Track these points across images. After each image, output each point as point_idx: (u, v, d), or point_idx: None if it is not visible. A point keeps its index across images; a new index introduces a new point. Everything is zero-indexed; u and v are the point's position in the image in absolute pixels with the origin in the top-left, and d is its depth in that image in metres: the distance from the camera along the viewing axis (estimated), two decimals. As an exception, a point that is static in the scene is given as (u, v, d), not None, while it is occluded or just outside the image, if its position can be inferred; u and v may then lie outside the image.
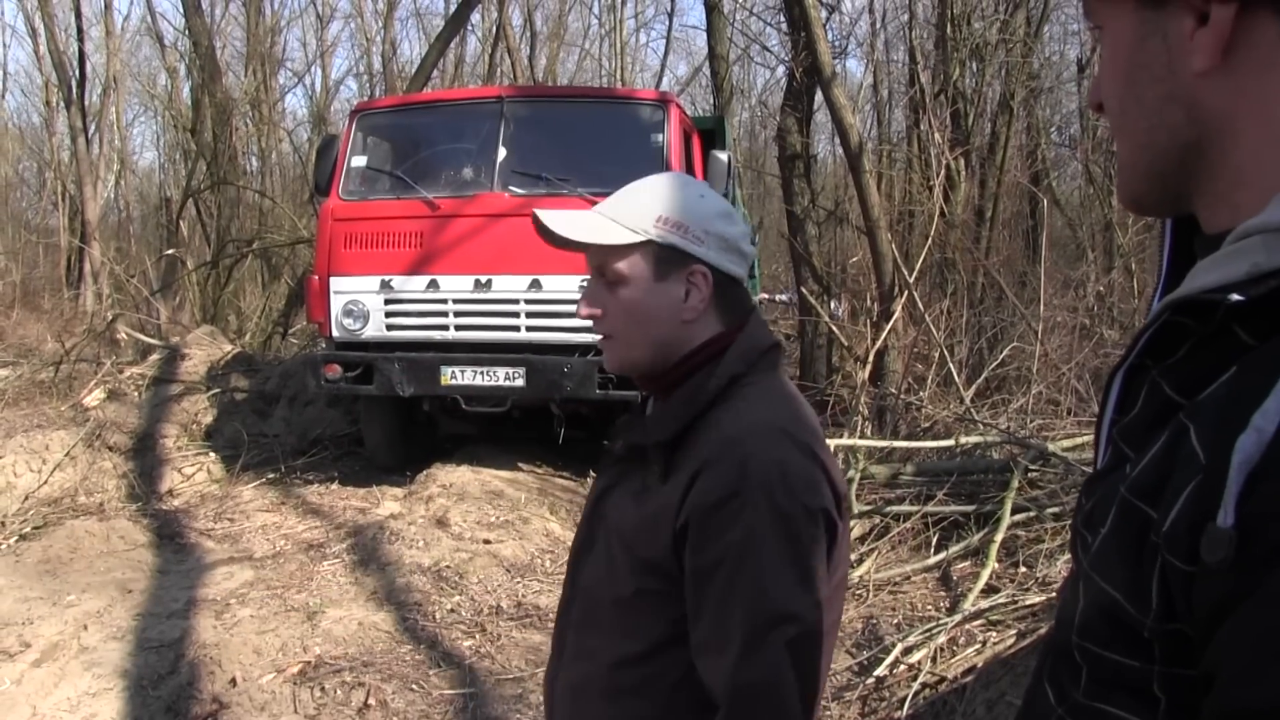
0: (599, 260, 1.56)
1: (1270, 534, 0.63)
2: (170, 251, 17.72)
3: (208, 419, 9.15)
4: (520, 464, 7.82)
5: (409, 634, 5.01)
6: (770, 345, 1.59)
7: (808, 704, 1.39)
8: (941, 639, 4.66)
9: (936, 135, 12.35)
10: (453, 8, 24.47)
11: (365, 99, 22.16)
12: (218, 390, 9.53)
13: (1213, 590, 0.67)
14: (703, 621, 1.43)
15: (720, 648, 1.40)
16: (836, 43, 14.49)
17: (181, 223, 18.61)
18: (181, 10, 17.52)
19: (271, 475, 8.08)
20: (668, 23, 38.19)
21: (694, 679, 1.46)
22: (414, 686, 4.48)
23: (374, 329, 7.34)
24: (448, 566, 5.76)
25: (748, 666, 1.37)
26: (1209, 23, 0.77)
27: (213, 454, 8.57)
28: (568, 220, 1.56)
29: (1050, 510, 5.86)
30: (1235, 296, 0.72)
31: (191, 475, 8.17)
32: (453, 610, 5.31)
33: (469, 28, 21.69)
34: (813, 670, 1.40)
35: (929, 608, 5.31)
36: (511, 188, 7.32)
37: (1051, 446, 6.55)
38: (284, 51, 24.63)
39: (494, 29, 22.22)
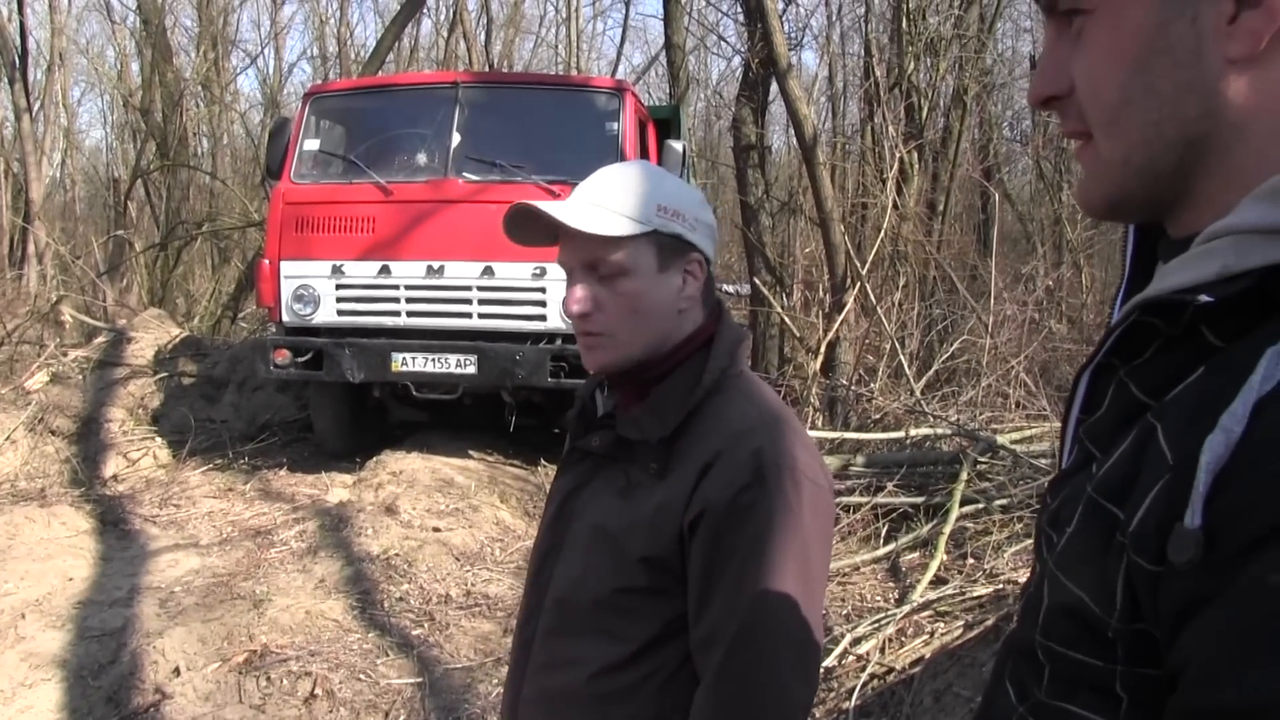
0: (593, 254, 1.49)
1: (1237, 535, 0.63)
2: (118, 233, 17.43)
3: (154, 403, 9.02)
4: (471, 452, 7.78)
5: (357, 622, 4.98)
6: (744, 336, 1.60)
7: (809, 696, 1.43)
8: (890, 630, 4.70)
9: (890, 128, 12.42)
10: (408, -9, 24.29)
11: (319, 82, 21.97)
12: (165, 374, 9.40)
13: (1179, 591, 0.67)
14: (711, 612, 1.41)
15: (727, 637, 1.39)
16: (793, 35, 14.53)
17: (130, 203, 18.31)
18: (131, -13, 17.21)
19: (219, 461, 7.99)
20: (624, 11, 38.17)
21: (681, 679, 1.45)
22: (361, 676, 4.45)
23: (325, 314, 7.27)
24: (397, 554, 5.73)
25: (755, 658, 1.38)
26: (1262, 6, 0.72)
27: (159, 439, 8.45)
28: (569, 212, 1.48)
29: (998, 502, 5.92)
30: (1204, 297, 0.72)
31: (137, 460, 8.05)
32: (401, 599, 5.28)
33: (424, 11, 21.50)
34: (815, 666, 1.44)
35: (878, 599, 5.35)
36: (465, 174, 7.27)
37: (1000, 439, 6.62)
38: (237, 32, 24.29)
39: (450, 13, 22.06)
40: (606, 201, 1.49)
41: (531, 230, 1.53)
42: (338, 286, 7.26)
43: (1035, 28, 20.16)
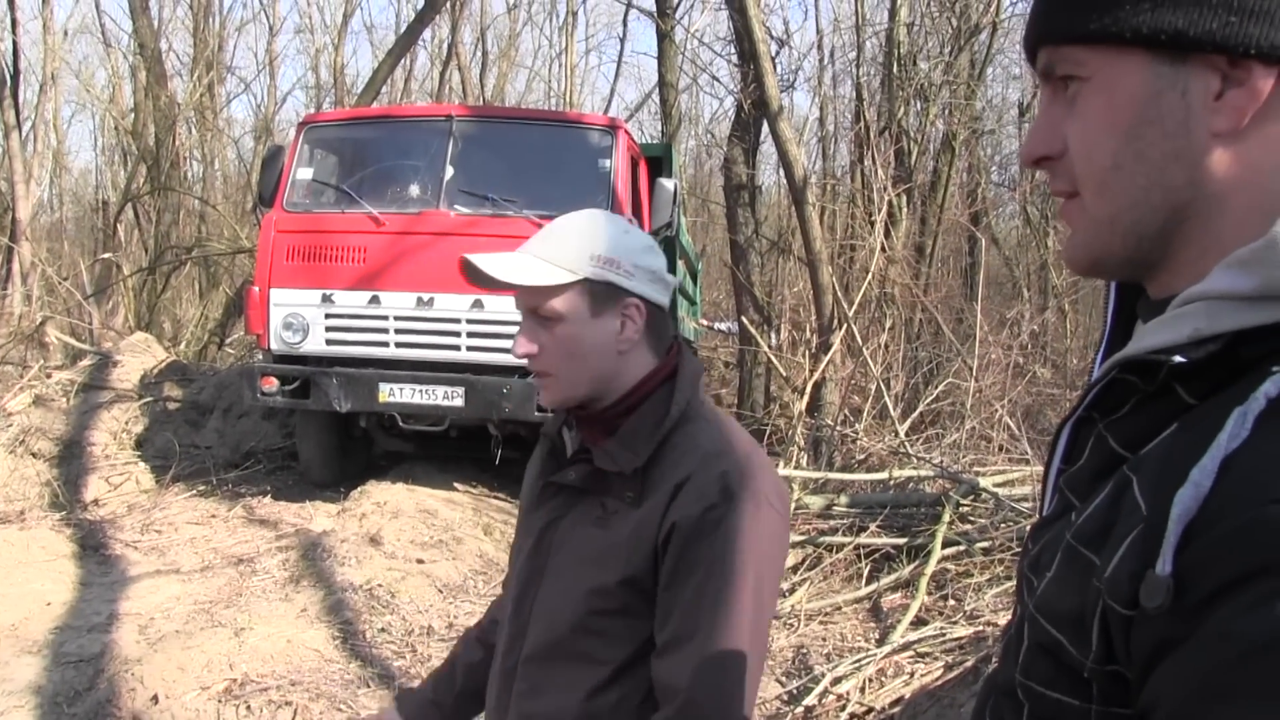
0: (533, 301, 1.59)
1: (1204, 583, 0.67)
2: (106, 255, 17.40)
3: (138, 428, 8.99)
4: (456, 483, 7.78)
5: (338, 653, 4.96)
6: (703, 369, 1.71)
7: (749, 707, 1.50)
8: (870, 670, 4.71)
9: (880, 171, 12.51)
10: (405, 23, 24.44)
11: (313, 111, 22.03)
12: (150, 399, 9.37)
13: (1150, 634, 0.70)
14: (673, 621, 1.50)
15: (687, 644, 1.48)
16: (784, 77, 14.67)
17: (119, 226, 18.29)
18: (128, 10, 17.29)
19: (202, 487, 7.96)
20: (619, 48, 38.45)
21: (655, 698, 1.53)
22: (342, 706, 4.42)
23: (314, 343, 7.28)
24: (379, 585, 5.71)
25: (710, 665, 1.47)
26: (1246, 85, 0.77)
27: (142, 464, 8.42)
28: (502, 264, 1.59)
29: (980, 545, 5.95)
30: (1178, 358, 0.76)
31: (119, 485, 8.01)
32: (383, 630, 5.26)
33: (420, 44, 21.62)
34: (755, 679, 1.52)
35: (859, 638, 5.36)
36: (457, 206, 7.32)
37: (983, 482, 6.66)
38: (232, 59, 24.38)
39: (445, 46, 22.19)
40: (542, 252, 1.60)
41: (488, 277, 1.62)
42: (327, 315, 7.27)
43: (1025, 75, 20.36)
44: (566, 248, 1.60)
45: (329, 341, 7.28)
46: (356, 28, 48.18)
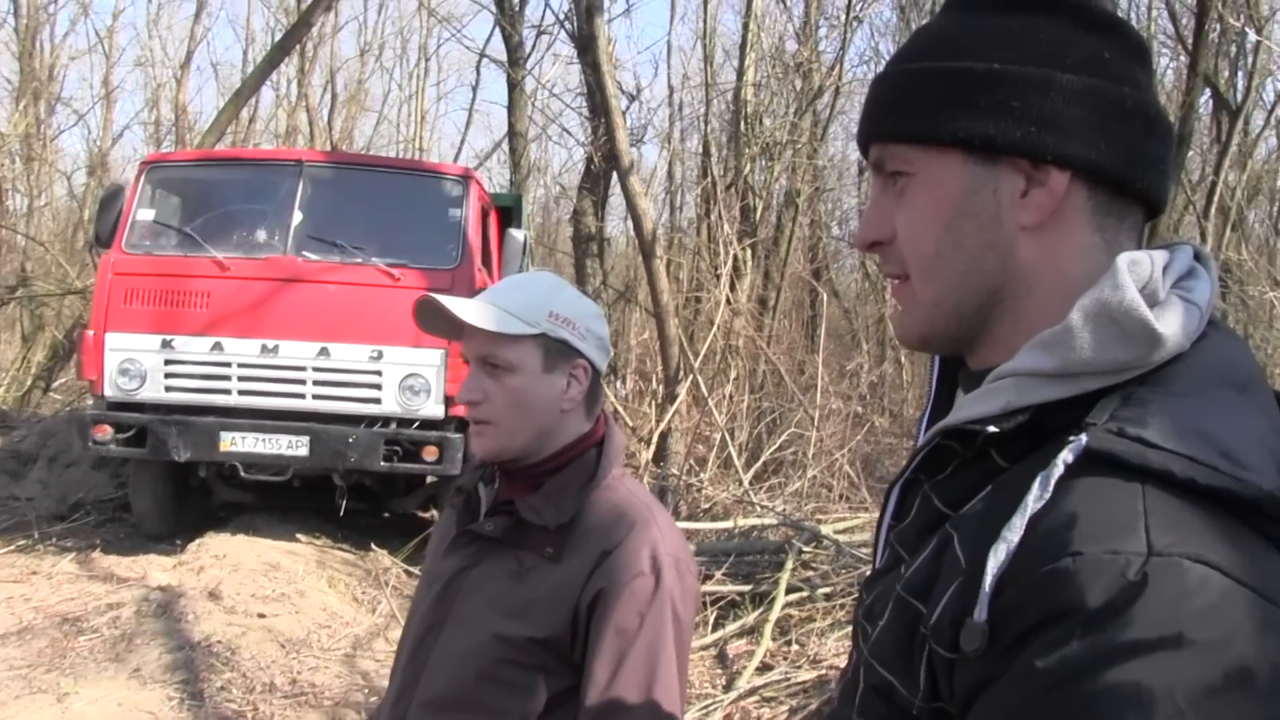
0: (487, 349, 1.64)
1: (1013, 628, 0.76)
2: (-82, 292, 16.44)
3: (-48, 477, 8.49)
4: (299, 535, 7.59)
5: (175, 714, 4.77)
6: (625, 441, 1.76)
7: None
8: (718, 716, 4.79)
9: (726, 226, 12.83)
10: (251, 62, 23.97)
11: (154, 149, 21.32)
12: (-33, 446, 8.88)
13: (970, 674, 0.79)
14: (604, 690, 1.54)
15: (621, 715, 1.53)
16: (635, 131, 14.93)
17: (-66, 262, 17.32)
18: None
19: (23, 541, 7.55)
20: (470, 96, 38.47)
21: None
22: (178, 771, 4.26)
23: (151, 390, 7.03)
24: (219, 641, 5.52)
25: None
26: (1046, 186, 0.89)
27: (-45, 516, 7.95)
28: (467, 308, 1.64)
29: (822, 590, 6.12)
30: (992, 428, 0.87)
31: (-71, 540, 7.55)
32: (223, 688, 5.09)
33: (267, 83, 21.24)
34: None
35: (706, 685, 5.43)
36: (305, 253, 7.21)
37: (824, 529, 6.86)
38: (62, 89, 23.43)
39: (292, 87, 21.85)
40: (503, 303, 1.66)
41: (439, 323, 1.68)
42: (167, 362, 7.04)
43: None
44: (527, 302, 1.65)
45: (168, 388, 7.05)
46: (201, 64, 47.02)
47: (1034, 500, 0.78)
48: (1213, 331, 0.89)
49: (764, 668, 5.40)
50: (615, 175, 11.94)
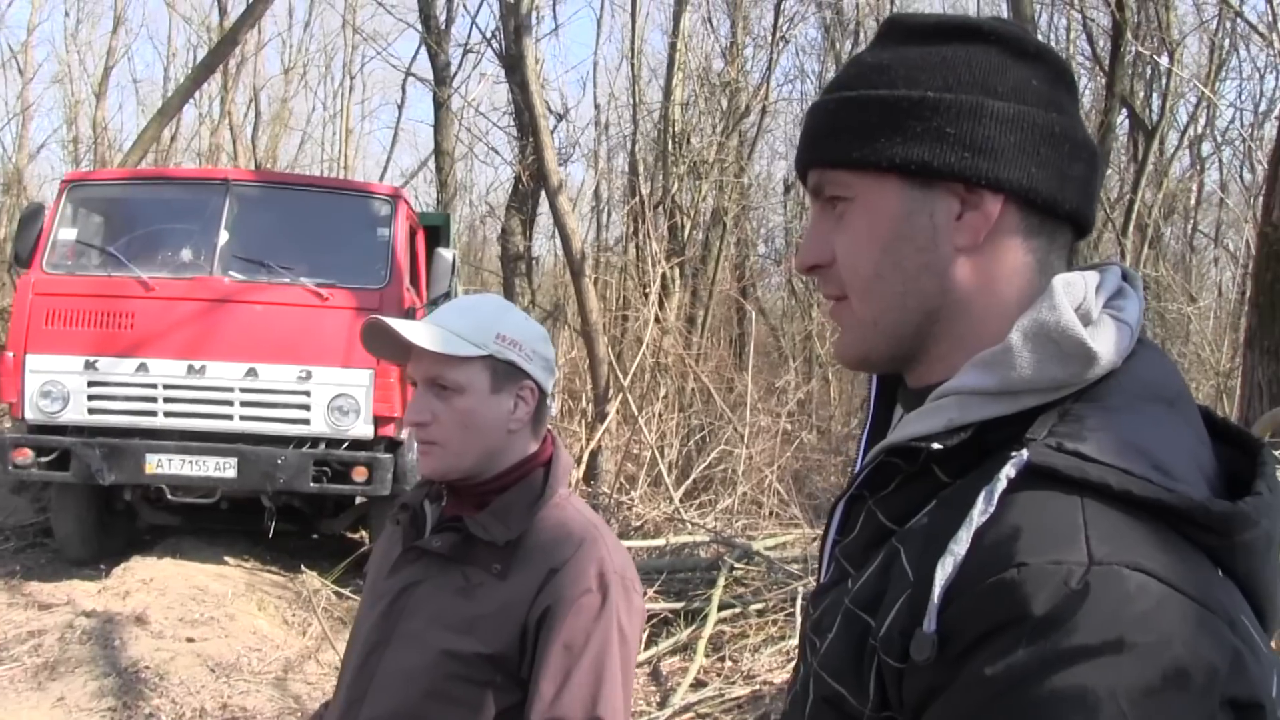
0: (435, 371, 1.67)
1: (962, 637, 0.79)
2: None
3: None
4: (227, 557, 7.50)
5: (101, 741, 4.70)
6: (573, 462, 1.84)
7: None
8: (652, 733, 4.82)
9: (654, 245, 12.94)
10: (172, 79, 23.62)
11: (73, 167, 20.89)
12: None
13: (919, 683, 0.82)
14: (546, 700, 1.56)
15: None
16: (562, 149, 14.99)
17: None
18: None
19: (-62, 568, 7.37)
20: (396, 114, 38.19)
21: None
22: (106, 798, 4.21)
23: (74, 412, 6.91)
24: (147, 667, 5.44)
25: None
26: (980, 209, 0.93)
27: None
28: (415, 330, 1.66)
29: (754, 606, 6.18)
30: (936, 445, 0.90)
31: None
32: (151, 715, 5.01)
33: (189, 101, 20.94)
34: None
35: (640, 703, 5.46)
36: (232, 273, 7.15)
37: (755, 545, 6.93)
38: (-26, 105, 22.89)
39: (215, 105, 21.57)
40: (451, 325, 1.69)
41: (386, 346, 1.70)
42: (90, 383, 6.93)
43: (789, 153, 21.54)
44: (474, 324, 1.68)
45: (92, 410, 6.94)
46: (121, 81, 46.23)
47: (979, 514, 0.81)
48: (1142, 349, 0.93)
49: (698, 684, 5.43)
50: (544, 194, 11.98)
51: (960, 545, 0.81)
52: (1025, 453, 0.83)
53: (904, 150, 0.94)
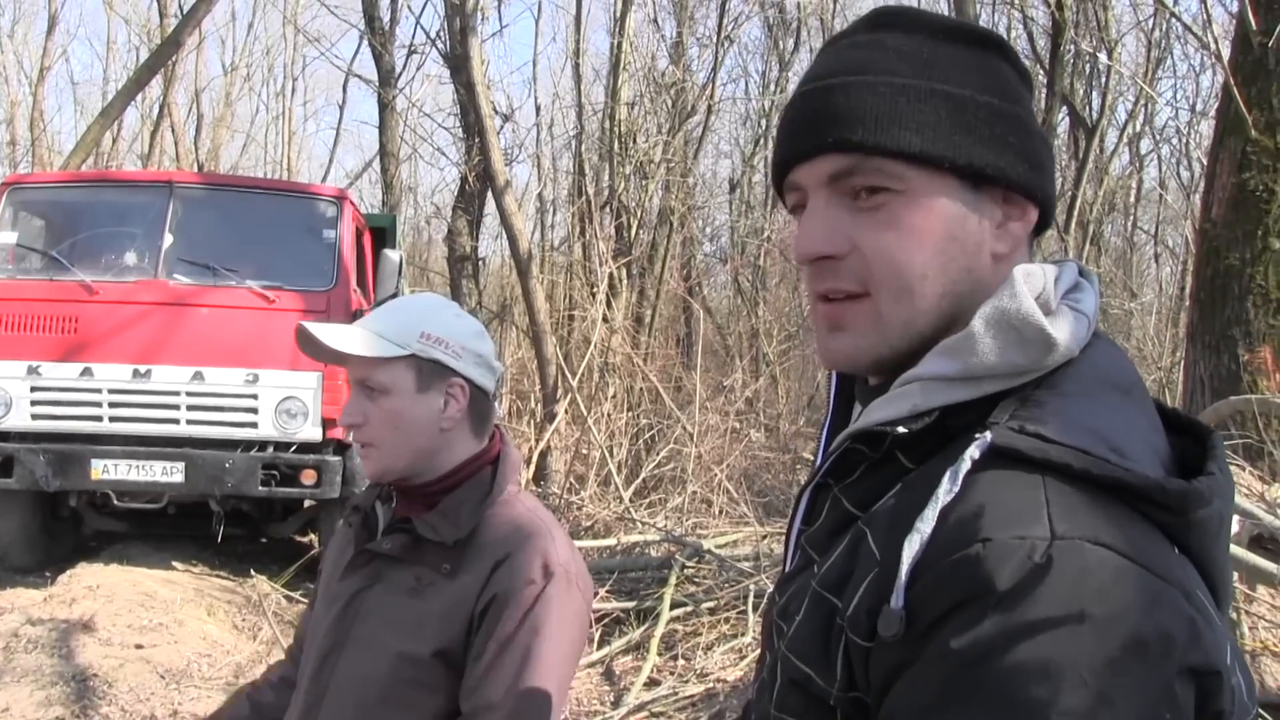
0: (363, 372, 1.69)
1: (928, 612, 0.81)
2: None
3: None
4: (175, 563, 7.45)
5: (51, 750, 4.67)
6: (521, 459, 1.83)
7: None
8: (606, 732, 4.85)
9: (600, 244, 12.98)
10: (112, 79, 23.27)
11: (11, 169, 20.52)
12: None
13: (886, 660, 0.84)
14: (482, 688, 1.59)
15: (493, 714, 1.58)
16: (509, 149, 15.00)
17: None
18: None
19: (-126, 579, 7.24)
20: (338, 115, 37.95)
21: None
22: (57, 807, 4.18)
23: (17, 418, 6.83)
24: (95, 675, 5.39)
25: None
26: (1022, 219, 0.97)
27: None
28: (336, 334, 1.68)
29: (706, 605, 6.21)
30: (900, 429, 0.92)
31: None
32: (101, 723, 4.99)
33: (132, 103, 20.64)
34: None
35: (594, 702, 5.50)
36: (177, 275, 7.11)
37: (706, 544, 6.96)
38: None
39: (156, 106, 21.27)
40: (375, 326, 1.71)
41: (322, 349, 1.70)
42: (33, 389, 6.85)
43: (734, 153, 21.73)
44: (398, 324, 1.70)
45: (35, 416, 6.86)
46: (59, 83, 45.41)
47: (944, 493, 0.83)
48: (1098, 341, 0.96)
49: (651, 683, 5.44)
50: (490, 194, 11.99)
51: (926, 524, 0.83)
52: (989, 435, 0.86)
53: (980, 154, 0.94)
